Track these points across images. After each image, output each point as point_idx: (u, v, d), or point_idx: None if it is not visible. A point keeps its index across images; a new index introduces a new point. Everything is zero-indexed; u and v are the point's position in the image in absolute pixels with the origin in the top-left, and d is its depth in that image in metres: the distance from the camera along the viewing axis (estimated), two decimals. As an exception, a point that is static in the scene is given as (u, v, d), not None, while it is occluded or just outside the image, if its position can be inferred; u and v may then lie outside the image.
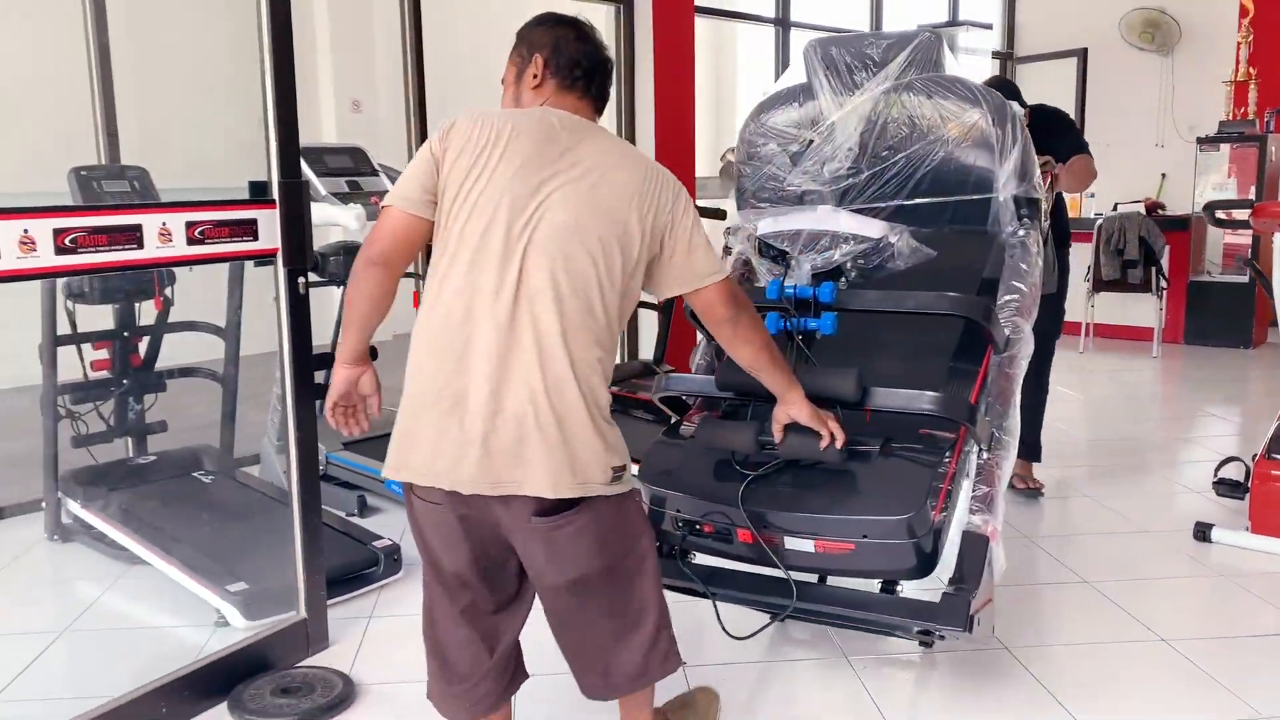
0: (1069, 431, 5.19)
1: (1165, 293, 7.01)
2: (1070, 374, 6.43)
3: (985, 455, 2.28)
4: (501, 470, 1.76)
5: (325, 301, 3.58)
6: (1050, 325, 3.78)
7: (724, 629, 2.26)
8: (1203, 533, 3.50)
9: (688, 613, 2.35)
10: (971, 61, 8.20)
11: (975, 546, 2.17)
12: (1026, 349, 2.48)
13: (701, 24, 6.35)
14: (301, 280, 2.57)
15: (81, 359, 3.59)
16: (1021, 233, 2.60)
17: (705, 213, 4.85)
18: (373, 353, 4.09)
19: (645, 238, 1.83)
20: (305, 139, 2.59)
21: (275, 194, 2.50)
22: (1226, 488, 3.64)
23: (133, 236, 2.21)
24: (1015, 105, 2.56)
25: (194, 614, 2.92)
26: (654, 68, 6.01)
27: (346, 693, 2.50)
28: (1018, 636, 2.83)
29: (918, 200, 2.64)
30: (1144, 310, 7.16)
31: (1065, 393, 5.97)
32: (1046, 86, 8.57)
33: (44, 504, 3.60)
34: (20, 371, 3.80)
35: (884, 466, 2.19)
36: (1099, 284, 7.04)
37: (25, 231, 2.02)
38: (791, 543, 2.16)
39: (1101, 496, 4.08)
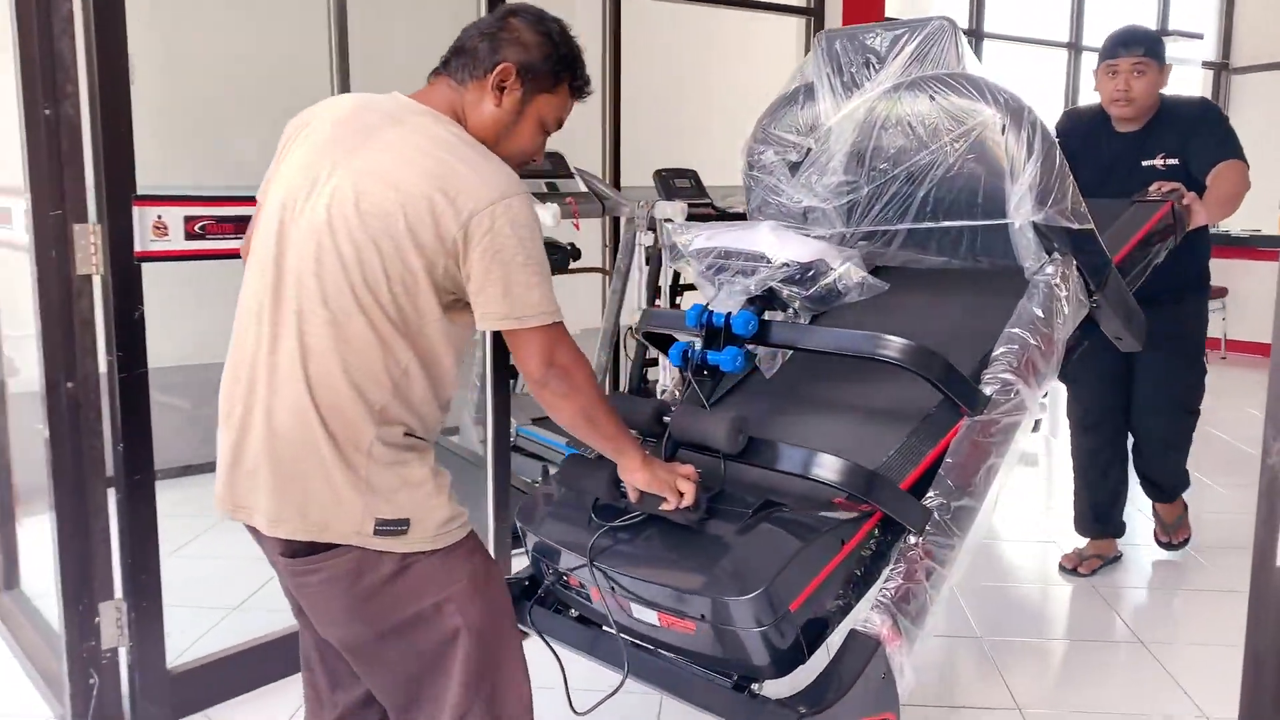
0: (1256, 454, 5.05)
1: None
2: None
3: (914, 540, 1.85)
4: (239, 494, 1.58)
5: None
6: (1193, 388, 3.28)
7: (568, 698, 1.91)
8: (1374, 556, 3.42)
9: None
10: (1181, 73, 7.95)
11: (857, 651, 1.74)
12: (1020, 416, 2.02)
13: (891, 36, 6.48)
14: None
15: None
16: (1050, 270, 2.12)
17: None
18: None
19: (424, 250, 1.48)
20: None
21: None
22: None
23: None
24: (1037, 112, 2.09)
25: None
26: (841, 79, 6.18)
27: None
28: (1154, 633, 2.94)
29: (922, 225, 2.22)
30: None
31: (1256, 415, 5.78)
32: (1265, 100, 8.19)
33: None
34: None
35: (751, 534, 1.77)
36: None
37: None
38: (639, 611, 1.81)
39: (1275, 517, 4.01)
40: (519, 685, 1.66)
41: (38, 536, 3.08)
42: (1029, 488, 4.61)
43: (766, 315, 2.08)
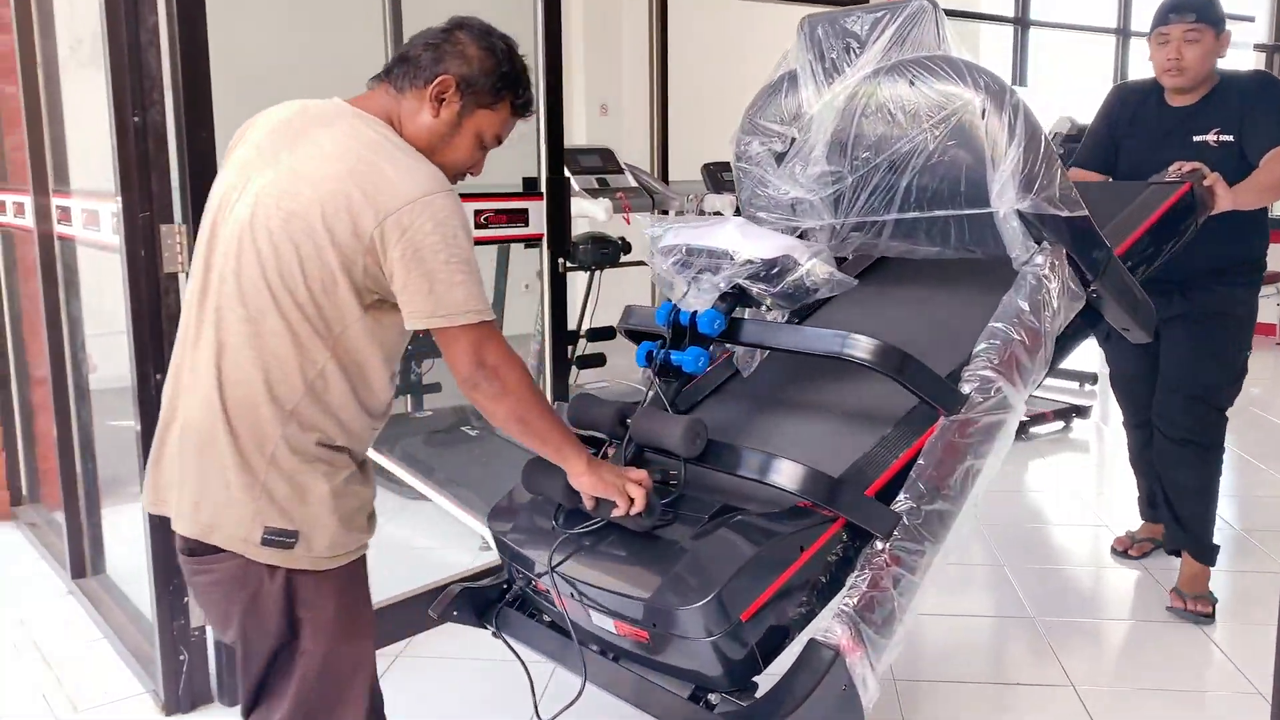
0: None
1: None
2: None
3: (880, 546, 1.77)
4: (159, 485, 1.61)
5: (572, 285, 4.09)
6: (1220, 384, 2.94)
7: (535, 706, 1.93)
8: None
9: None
10: (1232, 56, 7.84)
11: (814, 662, 1.67)
12: (1003, 415, 1.92)
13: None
14: (561, 261, 3.06)
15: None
16: (1039, 261, 2.00)
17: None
18: (611, 333, 4.57)
19: (342, 248, 1.48)
20: (561, 141, 3.06)
21: (543, 189, 3.00)
22: None
23: (434, 220, 2.76)
24: (1018, 93, 1.96)
25: (461, 540, 3.48)
26: (886, 70, 6.20)
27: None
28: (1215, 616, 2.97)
29: (908, 216, 2.11)
30: None
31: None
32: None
33: (342, 447, 4.31)
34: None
35: (704, 541, 1.72)
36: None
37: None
38: (597, 618, 1.78)
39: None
40: None
41: (120, 524, 3.25)
42: (1081, 474, 4.63)
43: (748, 313, 2.04)
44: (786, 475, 1.69)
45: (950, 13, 2.11)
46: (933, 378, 1.87)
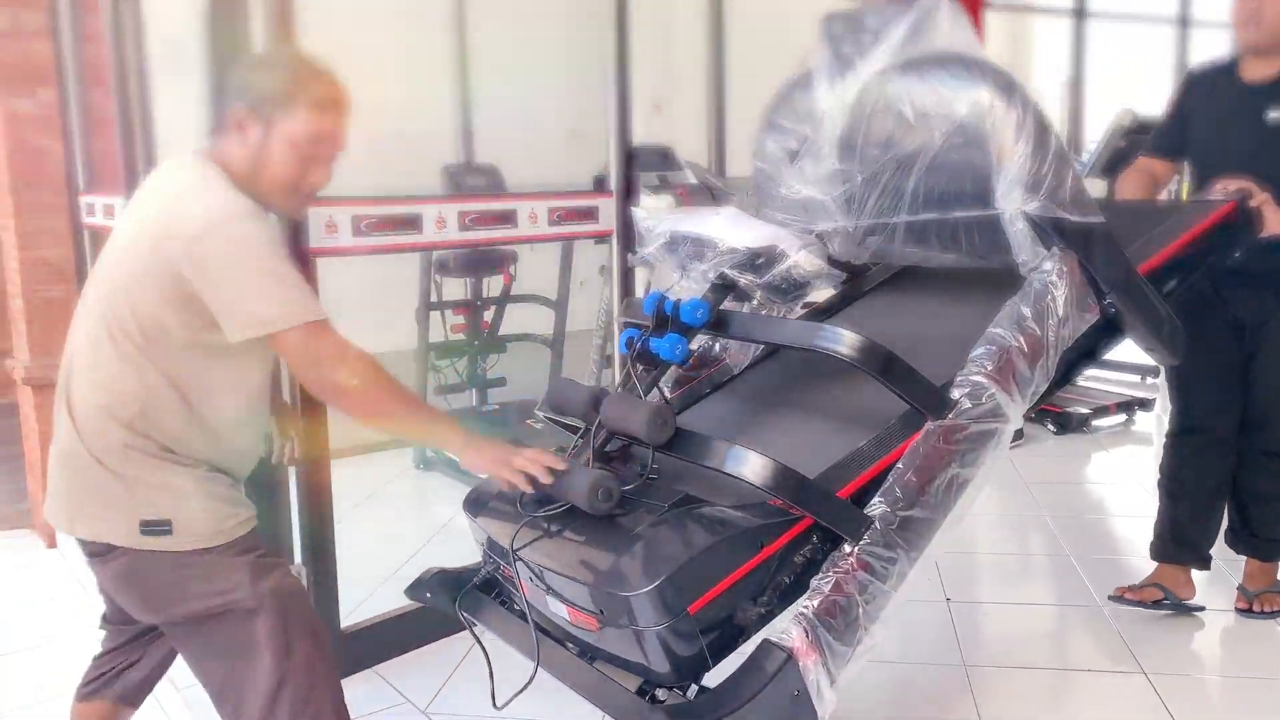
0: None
1: None
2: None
3: (848, 549, 1.69)
4: (52, 497, 1.77)
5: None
6: None
7: (492, 692, 1.88)
8: None
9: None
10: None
11: (764, 663, 1.60)
12: (995, 423, 1.81)
13: (994, 18, 6.46)
14: (630, 255, 3.15)
15: (444, 323, 4.39)
16: (1048, 266, 1.89)
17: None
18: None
19: (157, 278, 1.62)
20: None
21: (613, 186, 3.09)
22: None
23: (511, 218, 2.86)
24: (1029, 90, 1.88)
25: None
26: (942, 64, 6.19)
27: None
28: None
29: (918, 218, 2.02)
30: None
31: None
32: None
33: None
34: (395, 339, 4.65)
35: (659, 529, 1.67)
36: None
37: (439, 214, 2.69)
38: (553, 604, 1.75)
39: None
40: (324, 647, 1.77)
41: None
42: (1144, 466, 4.61)
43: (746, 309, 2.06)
44: (750, 468, 1.63)
45: (1007, 6, 2.11)
46: (918, 379, 1.79)
